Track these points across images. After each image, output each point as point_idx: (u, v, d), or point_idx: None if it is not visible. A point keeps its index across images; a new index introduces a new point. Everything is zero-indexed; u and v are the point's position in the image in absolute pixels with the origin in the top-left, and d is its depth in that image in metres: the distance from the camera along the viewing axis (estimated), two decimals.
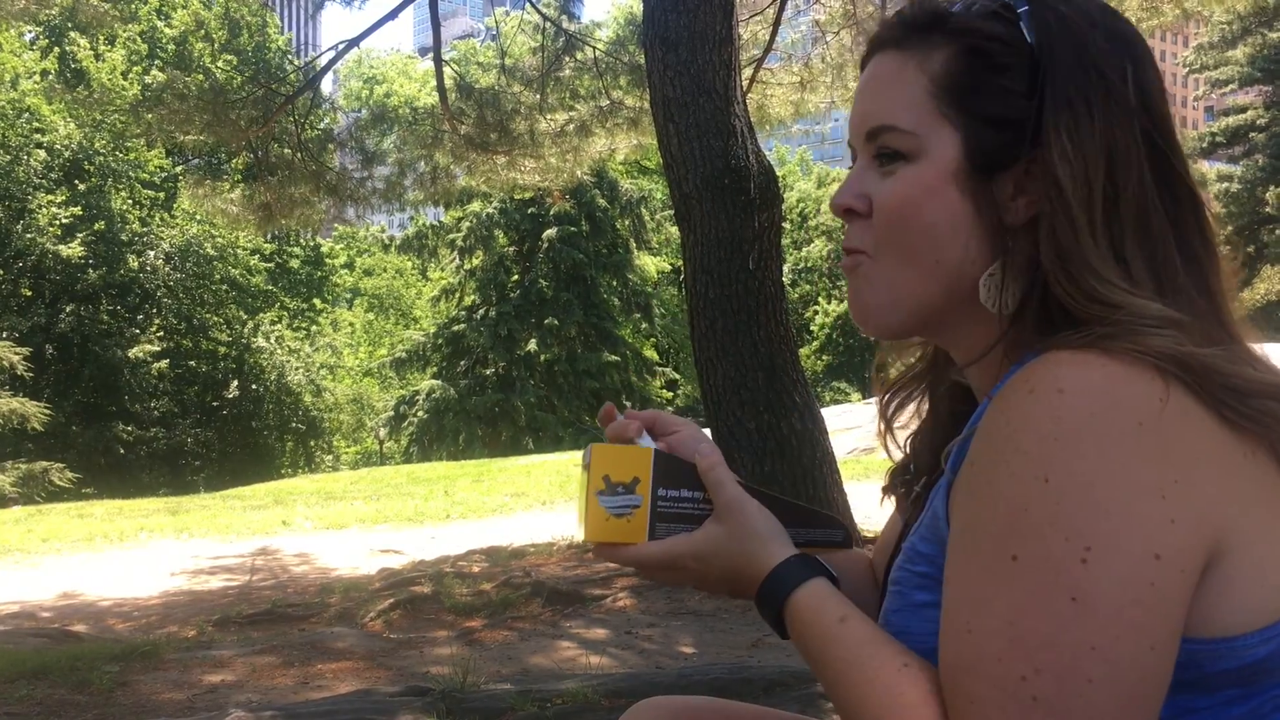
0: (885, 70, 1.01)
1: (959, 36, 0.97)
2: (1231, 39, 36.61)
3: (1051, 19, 0.95)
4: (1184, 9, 8.60)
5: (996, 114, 0.95)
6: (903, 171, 0.98)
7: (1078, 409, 0.81)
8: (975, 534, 0.85)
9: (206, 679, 4.59)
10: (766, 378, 6.14)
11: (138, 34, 34.71)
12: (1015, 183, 0.95)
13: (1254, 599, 0.83)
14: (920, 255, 0.97)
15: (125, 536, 11.49)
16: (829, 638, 0.94)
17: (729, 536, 1.04)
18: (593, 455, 1.06)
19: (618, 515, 1.05)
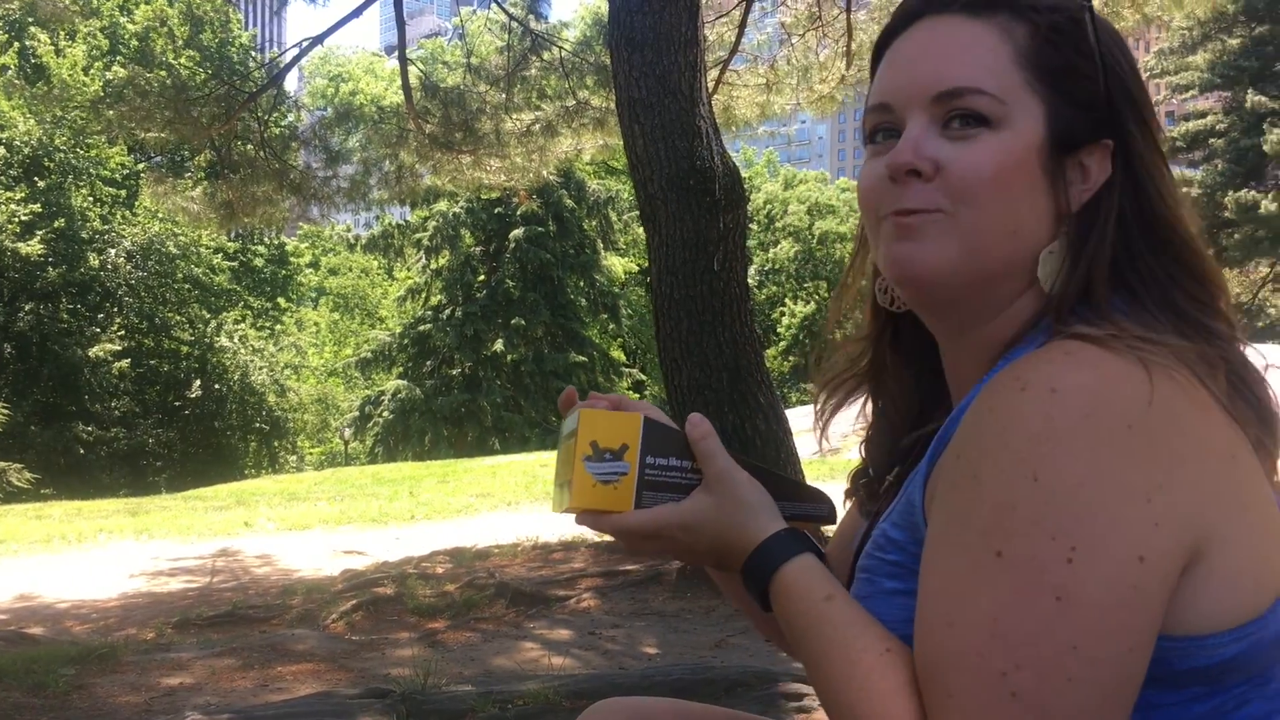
0: (959, 34, 0.99)
1: (1033, 14, 0.98)
2: (1192, 45, 37.02)
3: (1103, 24, 1.00)
4: (1144, 14, 8.70)
5: (1078, 95, 0.97)
6: (987, 138, 0.96)
7: (1070, 409, 0.82)
8: (960, 528, 0.85)
9: (164, 682, 4.54)
10: (731, 378, 6.15)
11: (99, 29, 34.30)
12: (1077, 167, 0.98)
13: (1227, 599, 0.84)
14: (1001, 222, 0.96)
15: (84, 538, 11.35)
16: (814, 615, 0.94)
17: (718, 507, 1.03)
18: (580, 421, 1.04)
19: (604, 482, 1.03)
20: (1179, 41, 37.34)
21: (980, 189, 0.95)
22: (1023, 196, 0.96)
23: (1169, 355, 0.86)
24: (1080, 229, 0.97)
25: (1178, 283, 0.95)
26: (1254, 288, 38.18)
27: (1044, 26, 0.98)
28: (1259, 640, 0.86)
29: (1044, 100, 0.97)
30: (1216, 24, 34.73)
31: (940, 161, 0.96)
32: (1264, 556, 0.87)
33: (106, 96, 10.79)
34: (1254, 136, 35.04)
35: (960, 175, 0.96)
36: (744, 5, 9.70)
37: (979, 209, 0.95)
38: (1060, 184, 0.97)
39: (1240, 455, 0.87)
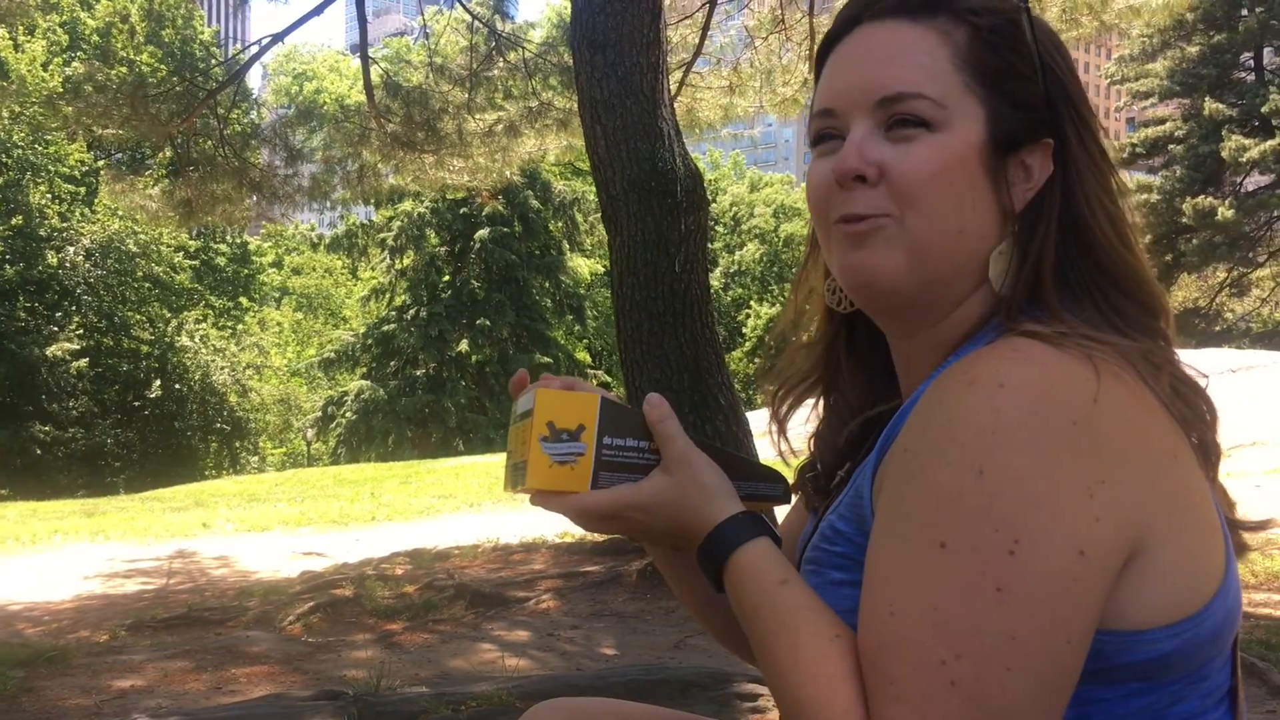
0: (899, 38, 1.00)
1: (972, 16, 0.99)
2: (1152, 52, 37.48)
3: (1040, 24, 1.01)
4: (1102, 21, 8.80)
5: (1016, 95, 0.99)
6: (927, 140, 0.97)
7: (1016, 405, 0.83)
8: (905, 519, 0.86)
9: (115, 684, 4.48)
10: (692, 380, 6.16)
11: (59, 24, 33.88)
12: (1018, 167, 0.99)
13: (1165, 596, 0.86)
14: (946, 223, 0.97)
15: (38, 539, 11.20)
16: (767, 598, 0.95)
17: (677, 489, 1.03)
18: (537, 401, 1.03)
19: (561, 462, 1.02)
20: (1139, 49, 37.79)
21: (922, 190, 0.97)
22: (965, 196, 0.97)
23: (1115, 354, 0.87)
24: (1026, 228, 0.98)
25: (1099, 286, 0.96)
26: (1211, 293, 38.71)
27: (982, 29, 0.99)
28: (1194, 637, 0.87)
29: (983, 102, 0.98)
30: (1176, 32, 35.15)
31: (884, 165, 0.98)
32: (1201, 555, 0.89)
33: (65, 93, 10.63)
34: (1212, 143, 35.54)
35: (903, 177, 0.97)
36: (708, 8, 9.72)
37: (923, 211, 0.97)
38: (1003, 183, 0.98)
39: (1181, 455, 0.89)
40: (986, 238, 0.98)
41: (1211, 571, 0.90)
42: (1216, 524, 0.92)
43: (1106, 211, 0.98)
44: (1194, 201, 34.69)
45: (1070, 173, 0.98)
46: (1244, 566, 5.80)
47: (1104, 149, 1.00)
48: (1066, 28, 8.85)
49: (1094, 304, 0.95)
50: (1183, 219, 35.24)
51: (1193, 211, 34.61)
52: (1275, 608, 5.18)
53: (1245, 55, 37.33)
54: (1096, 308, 0.95)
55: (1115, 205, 0.98)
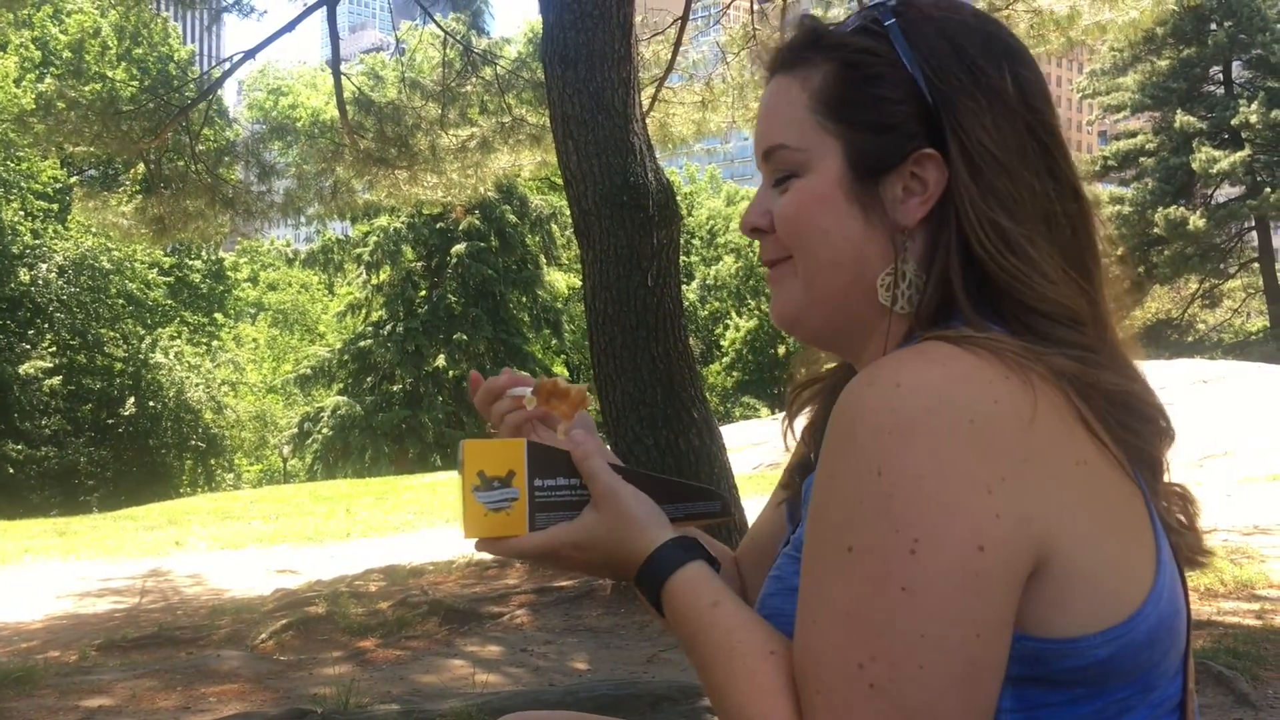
0: (774, 93, 1.06)
1: (834, 52, 1.02)
2: (1122, 66, 37.87)
3: (926, 27, 1.00)
4: (1069, 37, 8.88)
5: (872, 121, 1.00)
6: (795, 185, 1.03)
7: (912, 403, 0.84)
8: (819, 525, 0.88)
9: (84, 704, 4.44)
10: (665, 394, 6.16)
11: (31, 40, 33.68)
12: (903, 184, 0.99)
13: (1089, 602, 0.87)
14: (822, 260, 1.02)
15: (7, 559, 11.10)
16: (702, 621, 0.96)
17: (606, 525, 1.05)
18: (465, 452, 1.05)
19: (495, 510, 1.05)
20: (1110, 63, 38.18)
21: (793, 232, 1.03)
22: (833, 231, 1.01)
23: (1024, 357, 0.88)
24: (929, 241, 0.99)
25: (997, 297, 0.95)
26: (1183, 304, 39.05)
27: (838, 64, 1.02)
28: (1128, 644, 0.88)
29: (837, 136, 1.01)
30: (1146, 46, 35.53)
31: (772, 213, 1.05)
32: (1123, 562, 0.90)
33: (37, 109, 10.56)
34: (1183, 155, 35.92)
35: (779, 225, 1.04)
36: (680, 24, 9.76)
37: (801, 250, 1.03)
38: (878, 208, 0.99)
39: (1092, 461, 0.90)
40: (875, 263, 1.00)
41: (1139, 578, 0.90)
42: (1143, 530, 0.93)
43: (988, 219, 0.95)
44: (1165, 213, 35.02)
45: (967, 169, 0.96)
46: (1213, 575, 5.85)
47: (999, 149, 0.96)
48: (1035, 43, 8.92)
49: (1002, 315, 0.95)
50: (1154, 230, 35.58)
51: (1164, 223, 34.95)
52: (1244, 616, 5.22)
53: (1215, 69, 37.78)
54: (1005, 319, 0.95)
55: (1002, 209, 0.95)
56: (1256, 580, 5.88)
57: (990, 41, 1.01)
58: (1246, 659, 4.24)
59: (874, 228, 1.00)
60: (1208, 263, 37.02)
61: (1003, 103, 0.98)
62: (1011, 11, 8.84)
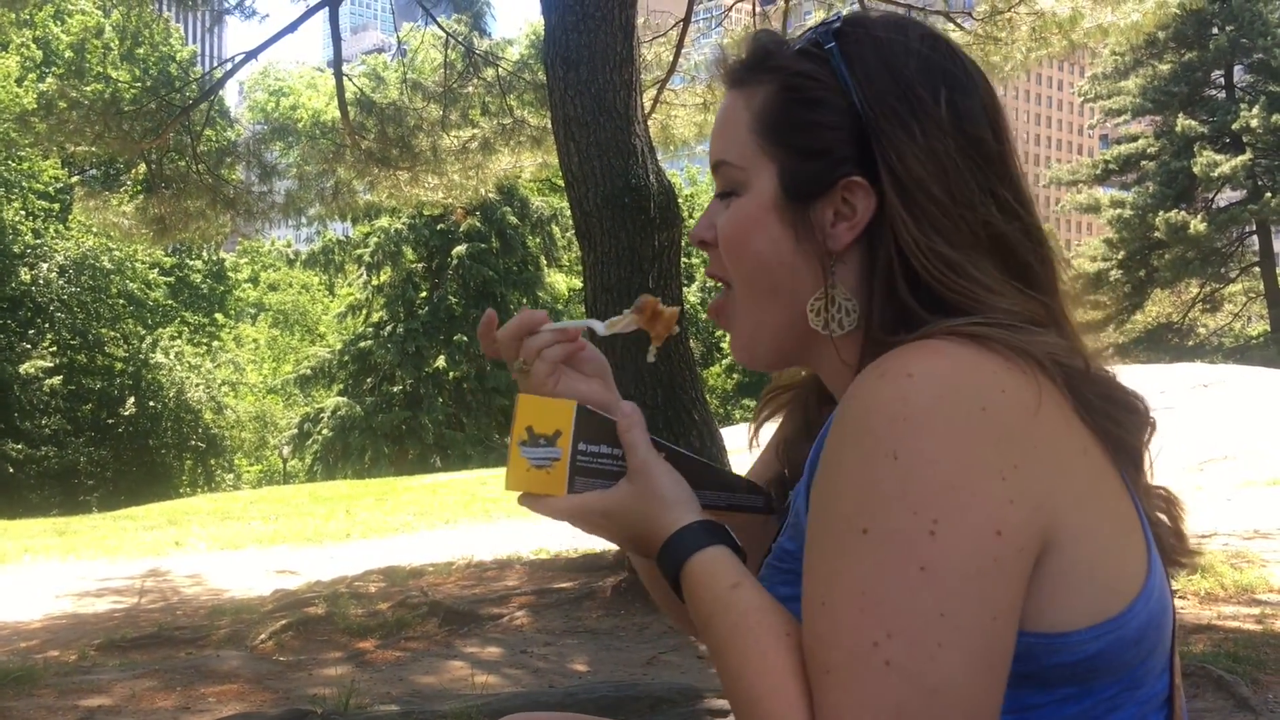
0: (725, 109, 1.08)
1: (776, 74, 1.04)
2: (1124, 70, 37.91)
3: (866, 51, 1.01)
4: (1071, 40, 8.88)
5: (806, 146, 1.01)
6: (734, 204, 1.05)
7: (925, 391, 0.85)
8: (829, 512, 0.88)
9: (83, 704, 4.44)
10: (665, 396, 6.16)
11: (32, 39, 33.71)
12: (834, 210, 1.00)
13: (1084, 596, 0.88)
14: (758, 283, 1.05)
15: (7, 558, 11.10)
16: (719, 602, 0.96)
17: (636, 497, 1.05)
18: (518, 406, 1.07)
19: (538, 466, 1.06)
20: (1112, 67, 38.20)
21: (730, 250, 1.06)
22: (769, 251, 1.03)
23: (1020, 346, 0.89)
24: (862, 264, 1.01)
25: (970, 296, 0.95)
26: (1184, 308, 39.08)
27: (780, 86, 1.03)
28: (1119, 639, 0.89)
29: (773, 158, 1.03)
30: (1148, 50, 35.57)
31: (717, 228, 1.07)
32: (1119, 556, 0.91)
33: (38, 109, 10.57)
34: (1184, 159, 35.96)
35: (721, 239, 1.07)
36: (682, 26, 9.77)
37: (739, 271, 1.07)
38: (809, 233, 1.01)
39: (1092, 451, 0.91)
40: (807, 286, 1.02)
41: (1132, 572, 0.91)
42: (1136, 525, 0.94)
43: (925, 245, 0.96)
44: (1166, 217, 35.05)
45: (899, 197, 0.97)
46: (1213, 579, 5.85)
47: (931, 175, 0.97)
48: (1037, 46, 8.93)
49: None
50: (1155, 234, 35.60)
51: (1165, 227, 34.97)
52: (1244, 621, 5.22)
53: (1216, 73, 37.84)
54: None
55: (938, 234, 0.96)
56: (1257, 585, 5.88)
57: (928, 66, 1.01)
58: (1246, 663, 4.24)
59: (805, 252, 1.02)
60: (1208, 267, 37.05)
61: (936, 127, 0.98)
62: (1014, 14, 8.84)
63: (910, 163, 0.97)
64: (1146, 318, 39.10)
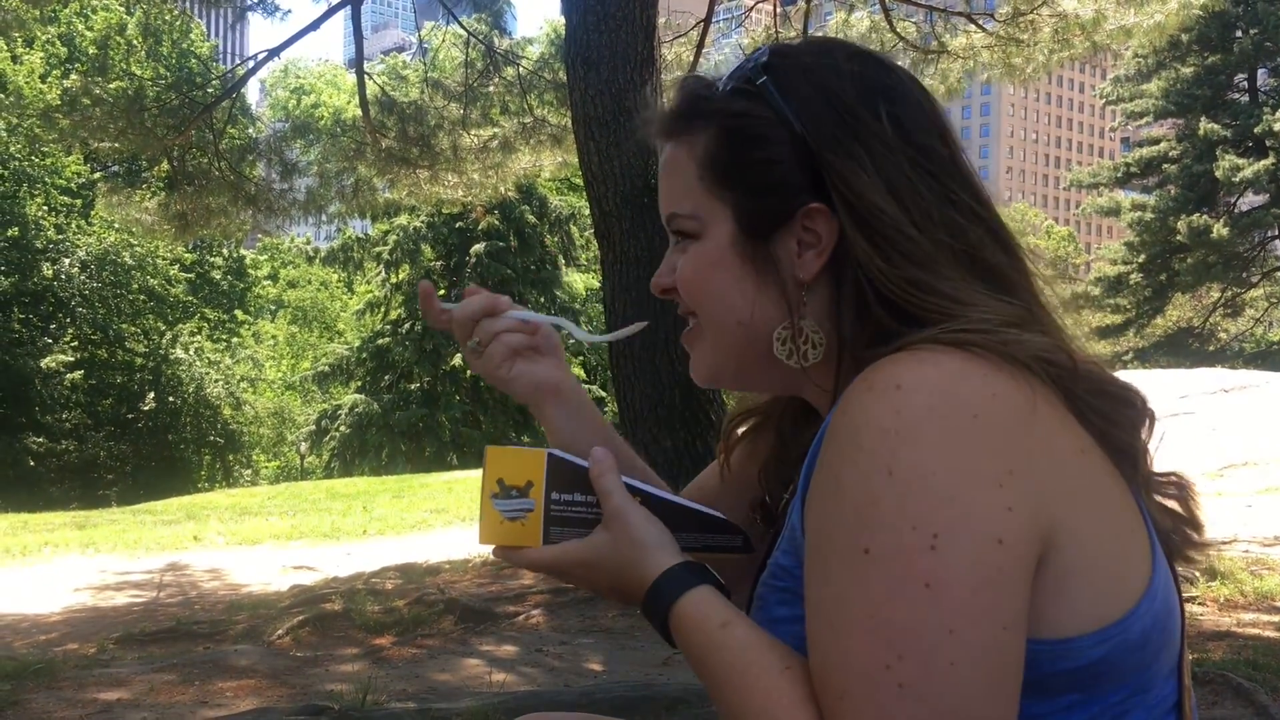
0: (668, 161, 1.08)
1: (713, 119, 1.04)
2: (1147, 72, 37.68)
3: (798, 80, 1.01)
4: (1094, 41, 8.84)
5: (756, 183, 1.02)
6: (692, 249, 1.06)
7: (915, 403, 0.85)
8: (829, 532, 0.87)
9: (101, 697, 4.47)
10: (683, 396, 6.17)
11: (57, 36, 33.94)
12: (796, 239, 1.01)
13: (1085, 600, 0.87)
14: (722, 320, 1.05)
15: (28, 551, 11.17)
16: (712, 643, 0.95)
17: (614, 545, 1.03)
18: (487, 459, 1.06)
19: (511, 519, 1.05)
20: (1134, 69, 37.98)
21: (691, 294, 1.07)
22: (732, 290, 1.04)
23: (1008, 348, 0.88)
24: (831, 288, 1.01)
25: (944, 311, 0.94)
26: (1205, 312, 38.83)
27: (719, 130, 1.03)
28: (1122, 644, 0.88)
29: (726, 201, 1.03)
30: (1170, 53, 35.35)
31: (677, 274, 1.07)
32: (1120, 558, 0.90)
33: (62, 105, 10.65)
34: (1206, 163, 35.72)
35: (681, 286, 1.08)
36: (702, 27, 9.76)
37: (702, 312, 1.08)
38: (772, 266, 1.02)
39: (1090, 451, 0.90)
40: (772, 318, 1.03)
41: (1135, 574, 0.91)
42: (1139, 525, 0.93)
43: (886, 269, 0.95)
44: (1188, 220, 34.83)
45: (855, 224, 0.97)
46: (1233, 586, 5.81)
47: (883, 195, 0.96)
48: (1059, 48, 8.89)
49: None
50: (1177, 238, 35.38)
51: (1187, 230, 34.74)
52: (1264, 628, 5.18)
53: (1239, 76, 37.57)
54: None
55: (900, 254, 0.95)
56: (1277, 592, 5.84)
57: (863, 83, 1.01)
58: (1266, 671, 4.21)
59: (768, 285, 1.02)
60: (1230, 271, 36.77)
61: (882, 145, 0.98)
62: (1036, 15, 8.81)
63: (860, 188, 0.97)
64: (1167, 322, 38.87)
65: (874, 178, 0.97)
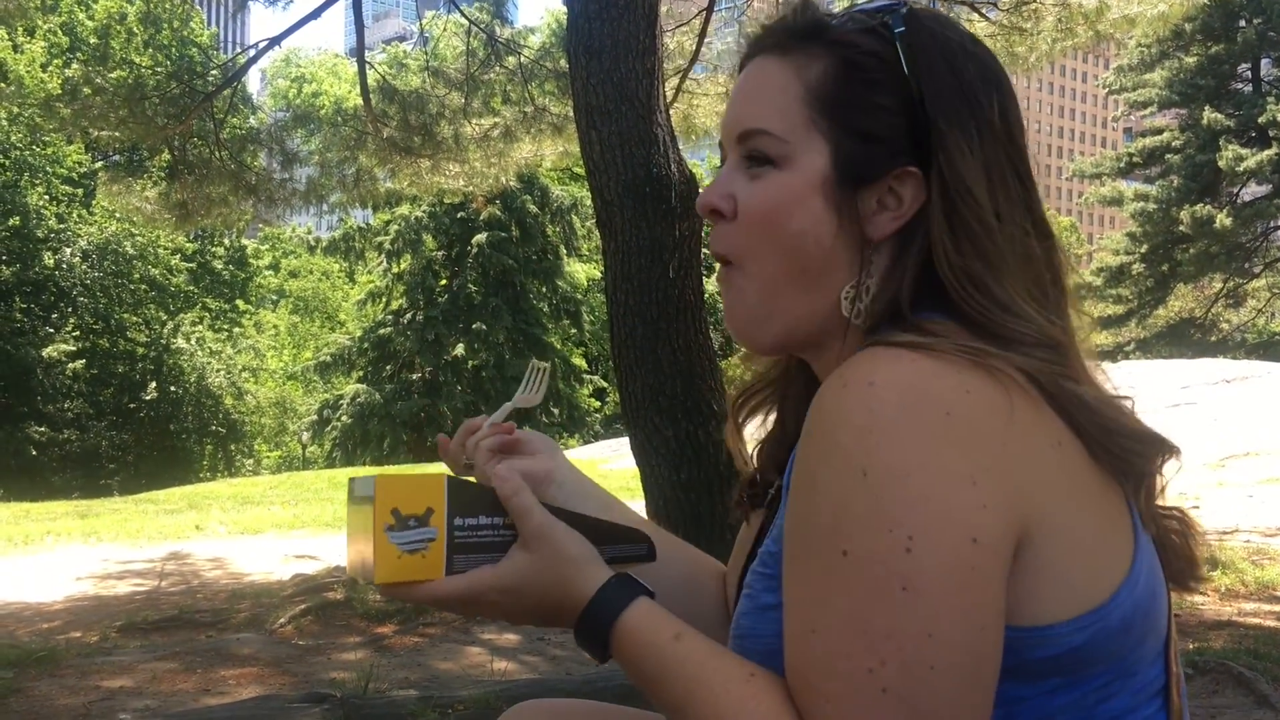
0: (763, 75, 1.02)
1: (836, 48, 0.99)
2: (1150, 62, 37.57)
3: (929, 43, 0.98)
4: (1097, 30, 8.80)
5: (866, 128, 0.97)
6: (771, 176, 0.99)
7: (887, 400, 0.84)
8: (806, 533, 0.87)
9: (104, 685, 4.49)
10: (685, 386, 6.15)
11: (58, 26, 33.90)
12: (879, 198, 0.98)
13: (1063, 588, 0.86)
14: (787, 263, 0.99)
15: (30, 540, 11.19)
16: (668, 657, 0.92)
17: (540, 565, 0.99)
18: (378, 488, 0.96)
19: (411, 551, 0.96)
20: (1137, 59, 37.86)
21: (761, 227, 1.00)
22: (806, 233, 0.98)
23: (988, 356, 0.87)
24: (894, 256, 0.98)
25: (988, 314, 0.93)
26: (1207, 303, 38.78)
27: (840, 61, 0.99)
28: (1102, 630, 0.87)
29: (827, 136, 0.98)
30: (1174, 42, 35.26)
31: (736, 200, 1.01)
32: (1098, 548, 0.89)
33: (63, 95, 10.64)
34: (1209, 153, 35.61)
35: (746, 214, 1.01)
36: (704, 15, 9.73)
37: (762, 251, 1.00)
38: (853, 217, 0.98)
39: (1066, 443, 0.89)
40: (839, 273, 0.98)
41: (1114, 562, 0.90)
42: (1119, 515, 0.92)
43: (956, 259, 0.94)
44: (1191, 210, 34.73)
45: (951, 200, 0.95)
46: (1234, 576, 5.82)
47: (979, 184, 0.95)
48: (1062, 36, 8.85)
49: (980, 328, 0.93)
50: (1179, 228, 35.30)
51: (1190, 220, 34.66)
52: (1265, 618, 5.19)
53: (1243, 66, 37.45)
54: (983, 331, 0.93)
55: (972, 246, 0.94)
56: (1277, 582, 5.85)
57: (983, 69, 0.99)
58: (1267, 660, 4.21)
59: (844, 237, 0.98)
60: (1232, 262, 36.69)
61: (991, 134, 0.97)
62: (1039, 4, 8.77)
63: (962, 167, 0.95)
64: (1169, 312, 38.80)
65: (975, 160, 0.95)
